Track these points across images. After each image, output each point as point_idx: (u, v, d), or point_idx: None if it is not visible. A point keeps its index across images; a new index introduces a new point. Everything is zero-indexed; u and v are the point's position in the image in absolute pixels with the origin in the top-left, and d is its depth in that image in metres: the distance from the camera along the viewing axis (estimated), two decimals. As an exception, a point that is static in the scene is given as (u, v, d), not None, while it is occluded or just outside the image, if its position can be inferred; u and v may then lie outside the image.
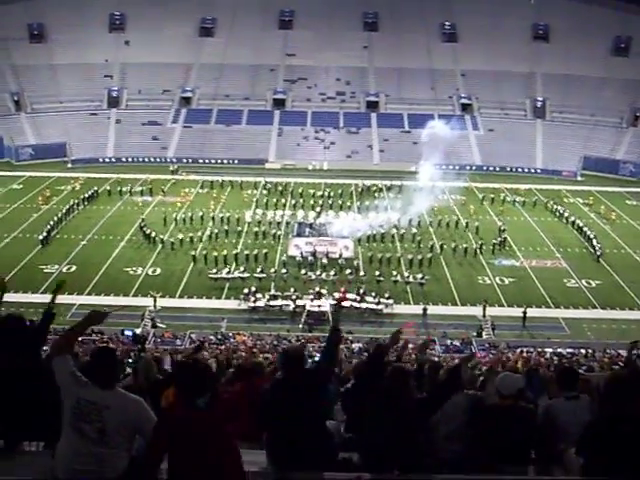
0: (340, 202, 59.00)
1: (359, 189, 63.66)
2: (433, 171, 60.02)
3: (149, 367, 7.86)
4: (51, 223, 51.72)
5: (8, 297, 7.60)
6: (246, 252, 47.66)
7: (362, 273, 45.68)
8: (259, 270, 44.97)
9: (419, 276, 44.87)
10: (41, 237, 49.54)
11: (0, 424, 6.63)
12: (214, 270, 44.95)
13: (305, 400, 6.51)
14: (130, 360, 17.19)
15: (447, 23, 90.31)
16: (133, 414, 5.80)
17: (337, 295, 39.83)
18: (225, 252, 46.84)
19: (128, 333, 32.38)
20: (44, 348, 7.34)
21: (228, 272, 44.81)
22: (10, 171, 68.13)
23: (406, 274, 45.35)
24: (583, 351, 31.45)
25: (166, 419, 5.73)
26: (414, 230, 52.24)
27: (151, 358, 8.57)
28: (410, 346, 21.13)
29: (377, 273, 45.12)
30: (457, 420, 7.11)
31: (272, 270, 45.22)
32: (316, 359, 15.53)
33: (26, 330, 7.17)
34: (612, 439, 5.92)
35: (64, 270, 45.13)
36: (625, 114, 79.68)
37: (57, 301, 7.52)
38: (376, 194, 62.19)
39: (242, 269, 45.09)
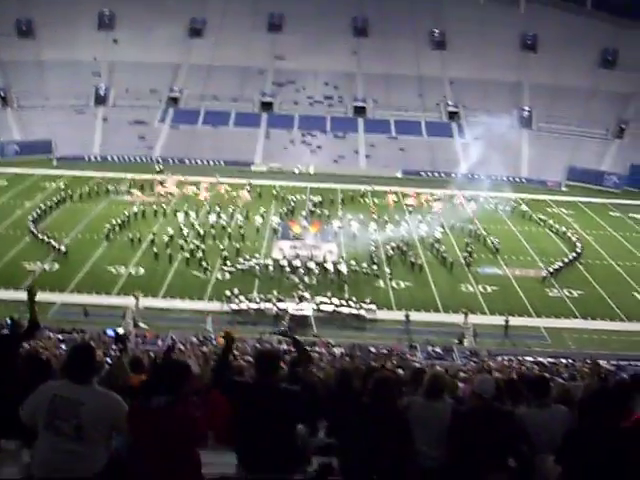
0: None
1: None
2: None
3: (123, 370, 7.77)
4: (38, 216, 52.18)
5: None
6: (230, 250, 47.97)
7: (345, 272, 45.78)
8: (250, 259, 46.53)
9: (387, 270, 46.59)
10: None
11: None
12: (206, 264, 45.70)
13: (274, 404, 6.44)
14: (108, 359, 17.10)
15: (436, 30, 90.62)
16: (109, 410, 5.75)
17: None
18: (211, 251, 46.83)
19: (110, 332, 32.15)
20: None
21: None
22: (-5, 167, 67.64)
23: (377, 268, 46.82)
24: (564, 361, 31.56)
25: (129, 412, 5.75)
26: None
27: (124, 362, 8.49)
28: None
29: (353, 263, 46.51)
30: (436, 426, 7.10)
31: (256, 265, 45.95)
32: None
33: None
34: (590, 449, 5.95)
35: (47, 268, 44.90)
36: (611, 126, 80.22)
37: (37, 302, 7.62)
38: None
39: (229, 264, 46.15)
